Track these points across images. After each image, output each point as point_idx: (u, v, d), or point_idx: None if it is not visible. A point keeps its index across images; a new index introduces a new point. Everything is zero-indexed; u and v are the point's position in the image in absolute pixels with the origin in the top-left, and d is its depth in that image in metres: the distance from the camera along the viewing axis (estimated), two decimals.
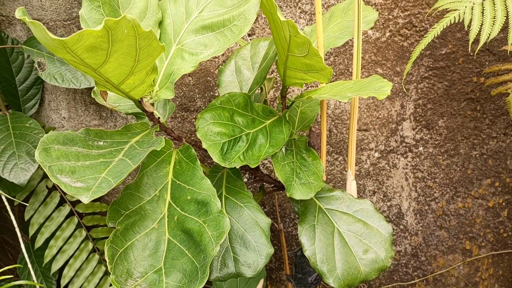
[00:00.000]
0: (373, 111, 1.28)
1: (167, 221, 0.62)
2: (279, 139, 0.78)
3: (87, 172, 0.54)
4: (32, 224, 1.37)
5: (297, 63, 0.71)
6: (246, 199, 0.75)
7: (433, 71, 1.22)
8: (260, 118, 0.81)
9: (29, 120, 1.25)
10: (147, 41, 0.52)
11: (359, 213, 0.84)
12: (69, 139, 0.57)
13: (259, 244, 0.71)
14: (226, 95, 0.77)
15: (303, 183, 0.78)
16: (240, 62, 0.91)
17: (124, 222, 0.61)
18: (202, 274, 0.55)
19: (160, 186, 0.67)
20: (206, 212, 0.61)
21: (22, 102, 1.43)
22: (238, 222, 0.73)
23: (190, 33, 0.70)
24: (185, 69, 0.69)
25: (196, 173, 0.68)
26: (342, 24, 0.87)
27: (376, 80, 0.76)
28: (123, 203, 0.63)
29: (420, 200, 1.35)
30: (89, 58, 0.50)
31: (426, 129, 1.27)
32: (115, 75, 0.56)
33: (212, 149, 0.71)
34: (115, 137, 0.64)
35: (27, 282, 1.16)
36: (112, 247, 0.57)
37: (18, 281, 1.19)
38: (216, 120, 0.74)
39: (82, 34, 0.44)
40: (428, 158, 1.30)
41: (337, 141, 1.33)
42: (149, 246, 0.60)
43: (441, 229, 1.37)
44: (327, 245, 0.80)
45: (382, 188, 1.36)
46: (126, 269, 0.56)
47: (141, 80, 0.61)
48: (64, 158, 0.54)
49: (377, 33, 1.20)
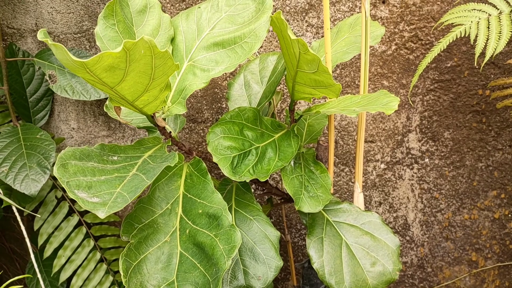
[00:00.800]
0: (379, 122, 1.29)
1: (179, 235, 0.64)
2: (288, 153, 0.80)
3: (103, 187, 0.55)
4: (41, 234, 1.39)
5: (306, 78, 0.73)
6: (255, 212, 0.77)
7: (438, 84, 1.23)
8: (269, 132, 0.82)
9: (40, 131, 1.27)
10: (163, 60, 0.54)
11: (366, 225, 0.85)
12: (85, 154, 0.59)
13: (268, 256, 0.72)
14: (236, 110, 0.78)
15: (311, 196, 0.80)
16: (249, 76, 0.92)
17: (137, 236, 0.62)
18: (215, 287, 0.57)
19: (172, 199, 0.69)
20: (217, 226, 0.62)
21: (33, 114, 1.46)
22: (247, 235, 0.74)
23: (202, 49, 0.72)
24: (197, 85, 0.70)
25: (207, 186, 0.69)
26: (349, 39, 0.89)
27: (384, 95, 0.77)
28: (136, 217, 0.64)
29: (426, 211, 1.36)
30: (107, 77, 0.51)
31: (432, 141, 1.28)
32: (130, 93, 0.58)
33: (222, 163, 0.72)
34: (128, 152, 0.66)
35: None
36: (126, 261, 0.59)
37: None
38: (226, 134, 0.75)
39: (102, 56, 0.46)
40: (434, 170, 1.31)
41: (343, 153, 1.34)
42: (162, 259, 0.61)
43: (447, 240, 1.37)
44: (335, 258, 0.81)
45: (388, 199, 1.36)
46: (140, 282, 0.58)
47: (155, 96, 0.62)
48: (80, 173, 0.55)
49: (383, 46, 1.22)
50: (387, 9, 1.19)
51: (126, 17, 0.72)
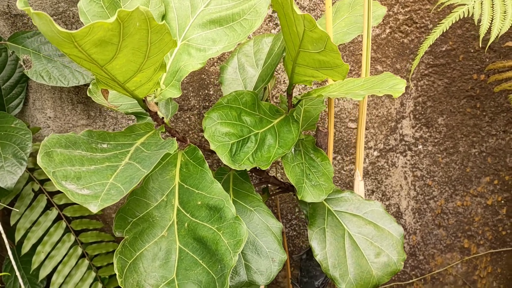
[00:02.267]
0: (373, 109, 1.25)
1: (177, 229, 0.58)
2: (288, 139, 0.75)
3: (93, 178, 0.49)
4: (18, 229, 1.31)
5: (309, 59, 0.68)
6: (255, 202, 0.72)
7: (433, 68, 1.20)
8: (268, 117, 0.77)
9: (14, 120, 1.18)
10: (159, 35, 0.48)
11: (369, 214, 0.82)
12: (71, 141, 0.53)
13: (271, 250, 0.67)
14: (233, 94, 0.73)
15: (314, 185, 0.75)
16: (243, 59, 0.87)
17: (132, 231, 0.57)
18: (221, 286, 0.51)
19: (167, 190, 0.63)
20: (219, 219, 0.57)
21: (6, 102, 1.37)
22: (248, 228, 0.69)
23: (197, 27, 0.66)
24: (193, 66, 0.64)
25: (205, 176, 0.64)
26: (349, 19, 0.84)
27: (389, 77, 0.73)
28: (129, 210, 0.59)
29: (418, 199, 1.33)
30: (97, 53, 0.45)
31: (425, 127, 1.26)
32: (122, 72, 0.52)
33: (220, 150, 0.67)
34: (119, 139, 0.60)
35: None
36: (121, 259, 0.53)
37: None
38: (223, 119, 0.70)
39: (92, 26, 0.40)
40: (427, 157, 1.28)
41: (335, 140, 1.30)
42: (160, 256, 0.56)
43: (440, 227, 1.35)
44: (338, 249, 0.77)
45: (380, 187, 1.34)
46: (137, 281, 0.52)
47: (148, 77, 0.56)
48: (67, 162, 0.49)
49: (377, 29, 1.18)
50: None
51: None
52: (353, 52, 1.20)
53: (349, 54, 1.21)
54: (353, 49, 1.20)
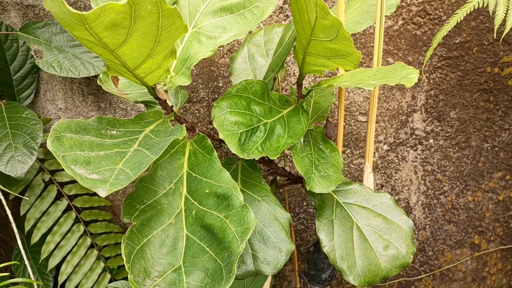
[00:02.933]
0: (383, 102, 1.24)
1: (184, 216, 0.58)
2: (298, 129, 0.74)
3: (102, 163, 0.49)
4: (28, 219, 1.32)
5: (320, 48, 0.67)
6: (263, 192, 0.71)
7: (446, 61, 1.18)
8: (277, 107, 0.76)
9: (25, 110, 1.19)
10: (171, 20, 0.48)
11: (378, 207, 0.81)
12: (81, 127, 0.53)
13: (278, 240, 0.67)
14: (242, 83, 0.72)
15: (323, 175, 0.74)
16: (253, 49, 0.86)
17: (140, 217, 0.56)
18: (228, 273, 0.51)
19: (175, 178, 0.63)
20: (227, 207, 0.57)
21: (17, 92, 1.38)
22: (256, 217, 0.69)
23: (208, 15, 0.66)
24: (203, 53, 0.64)
25: (213, 165, 0.63)
26: (361, 8, 0.83)
27: (401, 67, 0.72)
28: (138, 197, 0.58)
29: (429, 194, 1.32)
30: (108, 37, 0.45)
31: (437, 121, 1.24)
32: (132, 58, 0.51)
33: (229, 139, 0.66)
34: (128, 126, 0.60)
35: (23, 279, 1.12)
36: (129, 244, 0.53)
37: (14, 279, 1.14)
38: (233, 108, 0.69)
39: (104, 8, 0.40)
40: (439, 151, 1.27)
41: (345, 133, 1.29)
42: (167, 243, 0.55)
43: (450, 223, 1.34)
44: (346, 241, 0.77)
45: (390, 182, 1.32)
46: (144, 267, 0.52)
47: (158, 64, 0.56)
48: (77, 147, 0.49)
49: (389, 21, 1.16)
50: None
51: None
52: (364, 44, 1.19)
53: (360, 46, 1.20)
54: (364, 41, 1.19)
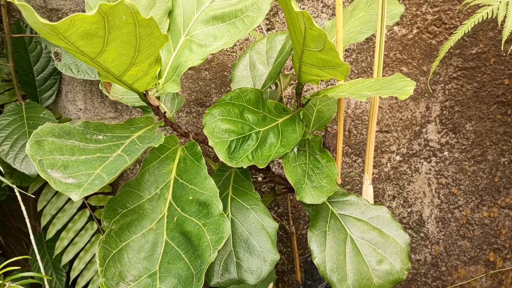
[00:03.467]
0: (396, 112, 1.22)
1: (166, 222, 0.59)
2: (291, 139, 0.74)
3: (81, 168, 0.51)
4: (45, 214, 1.37)
5: (312, 58, 0.67)
6: (253, 201, 0.71)
7: (462, 72, 1.15)
8: (272, 116, 0.76)
9: (43, 110, 1.23)
10: (148, 29, 0.48)
11: (374, 220, 0.79)
12: (65, 131, 0.54)
13: (264, 249, 0.67)
14: (236, 91, 0.73)
15: (315, 186, 0.74)
16: (255, 57, 0.87)
17: (120, 222, 0.58)
18: (197, 281, 0.52)
19: (162, 184, 0.64)
20: (207, 214, 0.57)
21: (39, 93, 1.43)
22: (243, 225, 0.69)
23: (200, 23, 0.66)
24: (193, 61, 0.65)
25: (200, 172, 0.64)
26: (364, 18, 0.82)
27: (399, 79, 0.71)
28: (121, 201, 0.60)
29: (443, 208, 1.28)
30: (85, 46, 0.46)
31: (452, 133, 1.21)
32: (115, 66, 0.53)
33: (218, 147, 0.67)
34: (116, 131, 0.61)
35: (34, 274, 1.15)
36: (105, 248, 0.54)
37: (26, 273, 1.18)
38: (224, 116, 0.70)
39: (74, 19, 0.41)
40: (453, 164, 1.23)
41: (356, 142, 1.27)
42: (145, 247, 0.56)
43: (464, 238, 1.30)
44: (338, 253, 0.76)
45: (402, 193, 1.30)
46: (119, 271, 0.53)
47: (144, 71, 0.57)
48: (57, 151, 0.51)
49: (404, 29, 1.14)
50: None
51: None
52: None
53: (373, 55, 1.18)
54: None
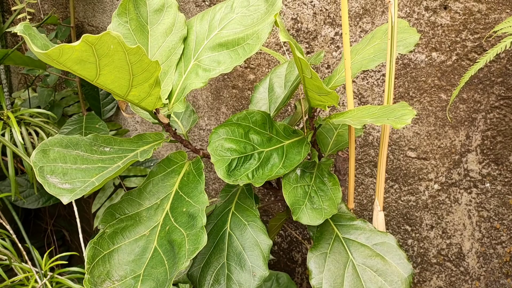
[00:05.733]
0: (434, 139, 1.18)
1: (159, 230, 0.64)
2: (294, 160, 0.77)
3: (79, 175, 0.58)
4: (97, 217, 1.49)
5: (310, 84, 0.70)
6: (251, 217, 0.75)
7: (504, 101, 1.10)
8: (280, 137, 0.80)
9: (99, 121, 1.36)
10: (137, 57, 0.55)
11: (379, 247, 0.79)
12: (73, 143, 0.62)
13: (255, 265, 0.70)
14: (244, 112, 0.77)
15: (315, 208, 0.76)
16: (274, 80, 0.91)
17: (114, 226, 0.64)
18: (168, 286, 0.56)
19: (163, 195, 0.70)
20: (192, 226, 0.62)
21: (102, 105, 1.57)
22: (238, 240, 0.72)
23: (207, 50, 0.72)
24: (196, 84, 0.70)
25: (198, 186, 0.69)
26: (379, 46, 0.83)
27: (401, 107, 0.71)
28: (120, 208, 0.66)
29: (484, 242, 1.22)
30: (81, 70, 0.54)
31: (494, 164, 1.15)
32: (115, 87, 0.60)
33: (219, 164, 0.71)
34: (124, 145, 0.68)
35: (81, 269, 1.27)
36: (95, 248, 0.61)
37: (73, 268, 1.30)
38: (229, 136, 0.75)
39: (62, 48, 0.48)
40: (496, 197, 1.17)
41: (393, 168, 1.25)
42: (136, 252, 0.62)
43: (508, 277, 1.21)
44: (337, 276, 0.76)
45: (441, 224, 1.25)
46: (107, 271, 0.59)
47: (147, 92, 0.64)
48: (61, 160, 0.59)
49: (442, 56, 1.12)
50: (449, 16, 1.09)
51: (141, 16, 0.74)
52: (415, 79, 1.16)
53: (411, 80, 1.17)
54: (415, 75, 1.15)
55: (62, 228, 1.84)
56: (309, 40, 1.25)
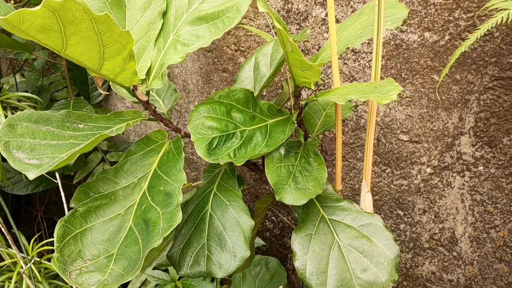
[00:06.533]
0: (427, 122, 1.16)
1: (135, 209, 0.62)
2: (278, 139, 0.74)
3: (48, 151, 0.56)
4: None
5: (292, 59, 0.67)
6: (233, 197, 0.73)
7: (498, 82, 1.07)
8: (264, 116, 0.77)
9: (86, 105, 1.34)
10: (106, 26, 0.52)
11: (365, 228, 0.77)
12: (43, 118, 0.60)
13: (236, 245, 0.68)
14: (226, 90, 0.75)
15: (299, 188, 0.73)
16: (260, 58, 0.88)
17: (88, 204, 0.62)
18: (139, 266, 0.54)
19: (141, 174, 0.68)
20: (168, 204, 0.60)
21: (91, 90, 1.55)
22: (219, 220, 0.70)
23: (187, 24, 0.70)
24: (173, 59, 0.68)
25: (177, 165, 0.67)
26: (367, 22, 0.80)
27: (388, 83, 0.69)
28: (95, 186, 0.64)
29: (477, 226, 1.20)
30: (46, 39, 0.51)
31: (488, 147, 1.13)
32: (86, 59, 0.57)
33: (199, 142, 0.69)
34: (99, 122, 0.66)
35: None
36: (66, 227, 0.59)
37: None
38: (210, 114, 0.72)
39: (23, 14, 0.46)
40: (489, 180, 1.15)
41: (385, 152, 1.23)
42: (110, 231, 0.60)
43: (501, 262, 1.20)
44: (321, 257, 0.74)
45: (433, 208, 1.23)
46: (79, 250, 0.57)
47: (121, 66, 0.61)
48: (29, 135, 0.56)
49: (435, 36, 1.09)
50: None
51: None
52: (408, 60, 1.13)
53: (403, 62, 1.14)
54: (408, 56, 1.13)
55: (54, 215, 1.82)
56: (299, 21, 1.22)
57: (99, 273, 0.55)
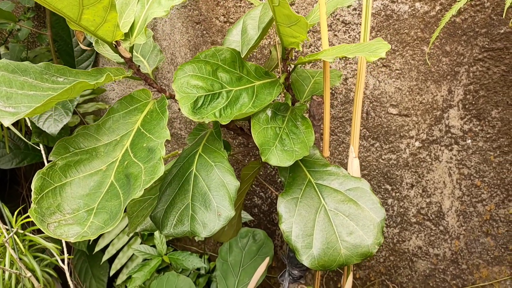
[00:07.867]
0: (416, 94, 1.15)
1: (117, 166, 0.61)
2: (265, 101, 0.73)
3: (25, 100, 0.54)
4: None
5: (280, 15, 0.66)
6: (218, 158, 0.71)
7: (488, 53, 1.06)
8: (251, 77, 0.76)
9: None
10: None
11: (352, 192, 0.76)
12: (21, 69, 0.58)
13: (220, 205, 0.67)
14: (212, 49, 0.73)
15: (286, 150, 0.72)
16: (248, 22, 0.86)
17: (67, 159, 0.60)
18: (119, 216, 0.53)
19: (123, 132, 0.66)
20: (150, 159, 0.58)
21: (77, 62, 1.51)
22: (204, 181, 0.69)
23: None
24: (157, 13, 0.66)
25: (160, 122, 0.65)
26: None
27: (376, 42, 0.67)
28: (75, 142, 0.62)
29: (464, 200, 1.20)
30: None
31: (476, 120, 1.12)
32: (64, 6, 0.55)
33: (184, 101, 0.68)
34: (79, 76, 0.64)
35: None
36: (45, 179, 0.57)
37: None
38: (196, 73, 0.70)
39: None
40: (477, 153, 1.15)
41: (374, 125, 1.22)
42: (90, 186, 0.59)
43: (487, 236, 1.20)
44: (307, 221, 0.74)
45: (421, 182, 1.23)
46: (58, 203, 0.56)
47: (101, 17, 0.59)
48: (5, 84, 0.54)
49: (426, 6, 1.08)
50: None
51: None
52: (398, 31, 1.12)
53: (393, 33, 1.13)
54: (398, 27, 1.11)
55: None
56: None
57: (79, 225, 0.53)
